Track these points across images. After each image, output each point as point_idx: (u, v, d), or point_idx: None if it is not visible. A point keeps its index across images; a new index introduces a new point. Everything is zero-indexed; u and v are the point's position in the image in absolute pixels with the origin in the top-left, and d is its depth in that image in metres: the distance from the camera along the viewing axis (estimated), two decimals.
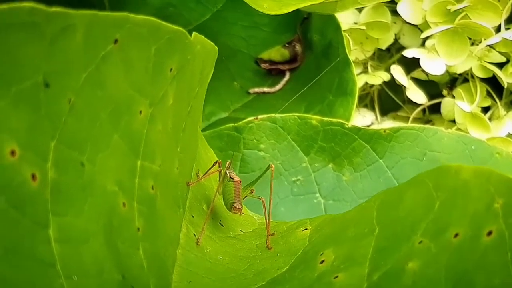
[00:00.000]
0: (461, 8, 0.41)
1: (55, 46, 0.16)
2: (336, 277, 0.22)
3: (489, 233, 0.18)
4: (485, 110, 0.44)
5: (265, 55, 0.46)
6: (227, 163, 0.30)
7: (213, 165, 0.31)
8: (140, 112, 0.21)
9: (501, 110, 0.43)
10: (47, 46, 0.15)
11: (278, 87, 0.46)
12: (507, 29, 0.41)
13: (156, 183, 0.23)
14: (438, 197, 0.20)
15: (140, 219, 0.21)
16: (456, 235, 0.19)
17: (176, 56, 0.22)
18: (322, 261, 0.23)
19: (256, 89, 0.46)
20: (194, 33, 0.24)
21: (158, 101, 0.22)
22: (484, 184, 0.19)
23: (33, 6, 0.15)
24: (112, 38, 0.18)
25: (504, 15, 0.41)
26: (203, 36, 0.25)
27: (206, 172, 0.30)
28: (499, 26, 0.41)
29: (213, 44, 0.27)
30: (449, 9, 0.41)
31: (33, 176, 0.16)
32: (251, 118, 0.38)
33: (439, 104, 0.46)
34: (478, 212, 0.18)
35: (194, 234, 0.27)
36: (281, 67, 0.46)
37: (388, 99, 0.48)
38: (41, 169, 0.16)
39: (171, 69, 0.22)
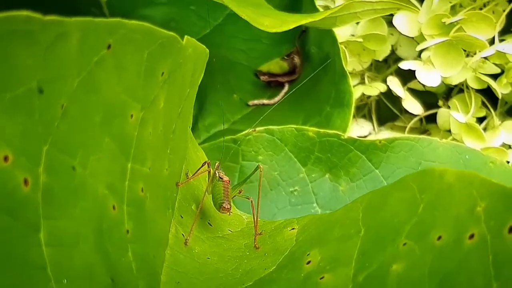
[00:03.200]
0: (455, 21, 0.41)
1: (49, 53, 0.16)
2: (322, 277, 0.22)
3: (471, 236, 0.18)
4: (480, 120, 0.45)
5: (264, 67, 0.47)
6: (216, 163, 0.31)
7: (202, 166, 0.31)
8: (132, 115, 0.21)
9: (496, 120, 0.44)
10: (42, 54, 0.16)
11: (277, 98, 0.47)
12: (501, 41, 0.42)
13: (146, 185, 0.23)
14: (422, 200, 0.20)
15: (130, 222, 0.22)
16: (439, 237, 0.19)
17: (168, 60, 0.23)
18: (309, 262, 0.24)
19: (256, 101, 0.47)
20: (186, 37, 0.24)
21: (149, 104, 0.22)
22: (467, 188, 0.19)
23: (29, 14, 0.15)
24: (105, 44, 0.19)
25: (498, 28, 0.42)
26: (194, 39, 0.25)
27: (195, 173, 0.31)
28: (494, 38, 0.42)
29: (204, 46, 0.27)
30: (444, 22, 0.41)
31: (25, 181, 0.16)
32: (249, 130, 0.39)
33: (436, 113, 0.46)
34: (461, 215, 0.19)
35: (183, 235, 0.28)
36: (280, 79, 0.47)
37: (387, 109, 0.49)
38: (33, 173, 0.16)
39: (162, 73, 0.23)
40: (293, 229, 0.29)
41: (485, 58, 0.42)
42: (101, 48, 0.18)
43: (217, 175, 0.30)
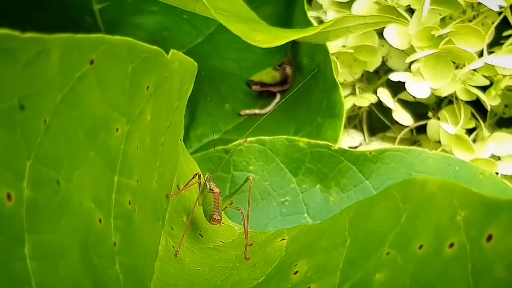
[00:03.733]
0: (445, 33, 0.41)
1: (29, 70, 0.16)
2: None
3: (451, 245, 0.18)
4: (470, 131, 0.45)
5: (256, 77, 0.48)
6: (206, 175, 0.31)
7: (193, 178, 0.31)
8: (117, 129, 0.22)
9: (485, 132, 0.44)
10: (21, 71, 0.16)
11: (268, 108, 0.47)
12: (490, 53, 0.42)
13: (134, 198, 0.23)
14: (405, 209, 0.21)
15: (117, 234, 0.22)
16: (420, 246, 0.19)
17: (153, 74, 0.23)
18: (296, 272, 0.24)
19: (248, 111, 0.48)
20: (172, 50, 0.24)
21: (135, 118, 0.23)
22: (448, 197, 0.19)
23: (7, 32, 0.15)
24: (88, 59, 0.19)
25: (487, 40, 0.42)
26: (181, 53, 0.26)
27: (186, 185, 0.31)
28: (482, 50, 0.42)
29: (192, 60, 0.28)
30: (433, 34, 0.42)
31: (9, 196, 0.16)
32: (241, 140, 0.39)
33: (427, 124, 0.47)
34: (442, 224, 0.19)
35: (173, 246, 0.28)
36: (271, 89, 0.48)
37: (378, 120, 0.49)
38: (16, 188, 0.17)
39: (148, 87, 0.23)
40: (283, 239, 0.29)
41: (474, 70, 0.42)
42: (83, 63, 0.18)
43: (207, 187, 0.31)
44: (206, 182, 0.31)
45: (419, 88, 0.42)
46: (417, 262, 0.19)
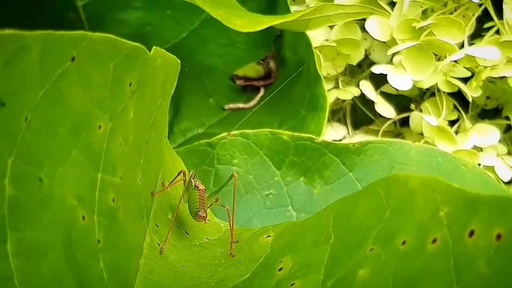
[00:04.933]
0: (426, 25, 0.42)
1: (9, 67, 0.16)
2: (293, 284, 0.22)
3: (434, 240, 0.19)
4: (452, 123, 0.45)
5: (240, 71, 0.48)
6: (191, 172, 0.31)
7: (178, 175, 0.31)
8: (100, 126, 0.21)
9: (467, 123, 0.44)
10: (1, 67, 0.16)
11: (252, 102, 0.47)
12: (471, 44, 0.42)
13: (118, 195, 0.23)
14: (388, 206, 0.21)
15: (101, 231, 0.22)
16: (403, 242, 0.19)
17: (135, 71, 0.23)
18: (281, 268, 0.24)
19: (231, 105, 0.48)
20: (154, 47, 0.24)
21: (118, 115, 0.23)
22: (430, 193, 0.19)
23: None
24: (69, 56, 0.19)
25: (468, 32, 0.42)
26: (163, 50, 0.25)
27: (171, 182, 0.31)
28: (464, 42, 0.42)
29: (174, 57, 0.27)
30: (415, 27, 0.42)
31: None
32: (224, 134, 0.39)
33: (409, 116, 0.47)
34: (424, 220, 0.19)
35: (158, 244, 0.28)
36: (255, 83, 0.48)
37: (362, 113, 0.49)
38: None
39: (130, 84, 0.23)
40: (268, 236, 0.29)
41: (455, 61, 0.42)
42: (64, 60, 0.18)
43: (192, 184, 0.31)
44: (191, 179, 0.31)
45: (401, 80, 0.43)
46: (400, 258, 0.19)
